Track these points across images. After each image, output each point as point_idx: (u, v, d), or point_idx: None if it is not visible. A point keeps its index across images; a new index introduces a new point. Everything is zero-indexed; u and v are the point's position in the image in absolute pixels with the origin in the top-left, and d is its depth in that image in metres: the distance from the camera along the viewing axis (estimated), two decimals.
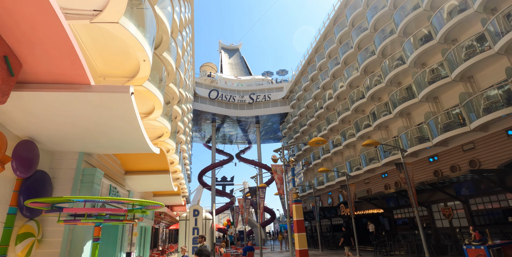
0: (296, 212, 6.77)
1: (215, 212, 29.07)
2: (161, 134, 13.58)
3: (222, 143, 47.35)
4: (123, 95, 4.04)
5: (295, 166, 7.68)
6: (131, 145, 5.74)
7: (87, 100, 4.12)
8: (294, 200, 6.94)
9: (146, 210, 4.60)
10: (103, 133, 5.00)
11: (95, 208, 3.83)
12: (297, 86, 35.26)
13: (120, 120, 4.60)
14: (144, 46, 7.14)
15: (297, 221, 6.69)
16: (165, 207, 14.23)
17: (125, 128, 4.86)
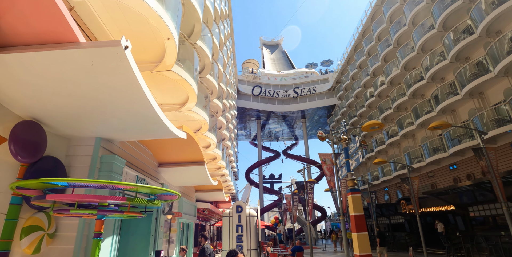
0: (354, 204, 5.21)
1: (263, 210, 28.22)
2: (199, 126, 13.07)
3: (268, 140, 46.44)
4: (114, 50, 3.20)
5: (348, 146, 6.26)
6: (146, 126, 4.97)
7: (77, 62, 3.38)
8: (350, 188, 5.42)
9: (154, 200, 3.70)
10: (109, 109, 4.27)
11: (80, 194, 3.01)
12: (344, 76, 32.79)
13: (121, 88, 3.79)
14: (166, 21, 6.39)
15: (355, 217, 5.18)
16: (208, 203, 13.69)
17: (130, 100, 4.05)
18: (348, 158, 5.92)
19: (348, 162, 5.85)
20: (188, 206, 11.31)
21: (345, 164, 6.01)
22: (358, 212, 5.25)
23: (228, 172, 22.69)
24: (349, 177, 5.54)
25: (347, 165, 5.82)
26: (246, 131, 43.62)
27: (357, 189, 5.43)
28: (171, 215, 7.79)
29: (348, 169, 5.74)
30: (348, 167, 5.78)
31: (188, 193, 11.81)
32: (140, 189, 3.45)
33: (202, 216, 13.77)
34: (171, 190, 3.66)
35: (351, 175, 5.63)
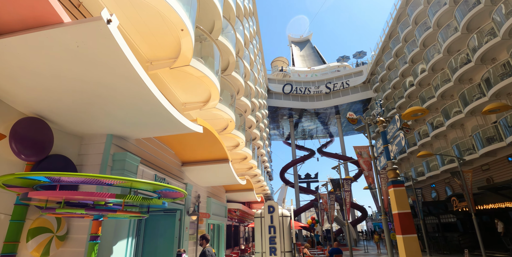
0: (397, 200, 4.31)
1: (299, 211, 27.29)
2: (226, 125, 12.72)
3: (302, 138, 45.24)
4: (96, 25, 2.84)
5: (386, 128, 5.31)
6: (154, 118, 4.58)
7: (62, 44, 3.06)
8: (391, 180, 4.49)
9: (152, 199, 3.24)
10: (106, 96, 3.93)
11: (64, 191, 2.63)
12: (379, 67, 30.78)
13: (112, 70, 3.42)
14: (177, 10, 6.06)
15: (400, 215, 4.25)
16: (240, 204, 13.27)
17: (126, 84, 3.67)
18: (387, 143, 5.00)
19: (387, 148, 4.94)
20: (218, 206, 10.96)
21: (383, 152, 5.10)
22: (403, 209, 4.36)
23: (261, 172, 22.19)
24: (389, 167, 4.65)
25: (386, 152, 4.91)
26: (279, 130, 42.90)
27: (400, 180, 4.50)
28: (196, 215, 7.43)
29: (387, 157, 4.82)
30: (387, 155, 4.86)
31: (217, 193, 11.48)
32: (135, 184, 3.01)
33: (234, 217, 13.39)
34: (172, 186, 3.19)
35: (392, 164, 4.73)
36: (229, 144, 14.83)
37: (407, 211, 4.37)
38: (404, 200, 4.37)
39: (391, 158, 4.80)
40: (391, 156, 4.81)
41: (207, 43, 10.49)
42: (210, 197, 10.34)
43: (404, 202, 4.37)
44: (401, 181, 4.51)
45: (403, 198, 4.40)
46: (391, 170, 4.62)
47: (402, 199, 4.39)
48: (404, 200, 4.37)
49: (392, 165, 4.71)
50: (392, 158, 4.80)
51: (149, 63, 8.09)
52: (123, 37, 6.93)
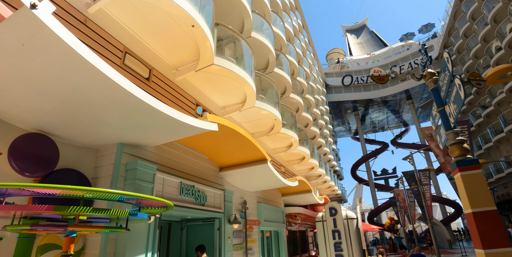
0: (469, 191, 2.96)
1: (377, 211, 24.48)
2: (272, 125, 11.99)
3: (372, 131, 41.37)
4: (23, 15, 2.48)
5: (438, 83, 3.69)
6: (144, 119, 4.15)
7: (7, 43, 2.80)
8: (456, 161, 3.12)
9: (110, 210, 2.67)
10: (89, 104, 3.63)
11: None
12: (453, 37, 26.19)
13: (66, 68, 3.07)
14: (182, 5, 5.73)
15: (476, 216, 2.87)
16: (300, 207, 12.25)
17: (96, 85, 3.29)
18: (442, 105, 3.46)
19: (443, 112, 3.42)
20: (272, 212, 10.20)
21: (439, 120, 3.58)
22: (482, 206, 2.87)
23: (326, 171, 20.65)
24: (451, 139, 3.19)
25: (443, 119, 3.38)
26: (344, 126, 40.11)
27: (471, 160, 3.02)
28: (238, 223, 6.82)
29: (446, 126, 3.31)
30: (445, 122, 3.34)
31: (270, 198, 10.74)
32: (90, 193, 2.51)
33: (297, 222, 12.43)
34: (137, 194, 2.60)
35: (455, 135, 3.27)
36: (281, 144, 14.03)
37: (488, 208, 2.86)
38: (482, 190, 2.86)
39: (452, 125, 3.29)
40: (451, 121, 3.32)
41: (239, 43, 10.04)
42: (261, 202, 9.66)
43: (482, 194, 2.85)
44: (472, 160, 3.02)
45: (480, 188, 2.89)
46: (455, 144, 3.14)
47: (478, 189, 2.88)
48: (482, 191, 2.86)
49: (456, 136, 3.22)
50: (453, 124, 3.29)
51: (175, 69, 7.96)
52: (145, 49, 6.92)
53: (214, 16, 8.14)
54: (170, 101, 7.53)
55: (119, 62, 6.18)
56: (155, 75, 7.21)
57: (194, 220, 7.03)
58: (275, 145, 14.11)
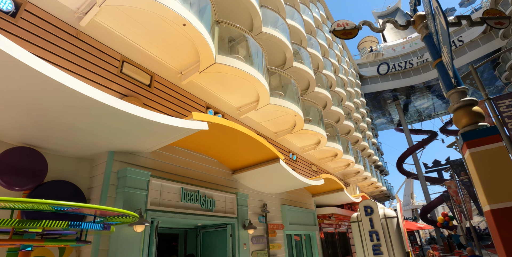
0: (482, 177, 2.05)
1: (430, 206, 22.14)
2: (294, 122, 11.39)
3: (418, 120, 37.99)
4: None
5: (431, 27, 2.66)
6: (115, 122, 3.93)
7: None
8: (463, 133, 2.37)
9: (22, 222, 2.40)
10: (59, 112, 3.50)
11: None
12: (501, 5, 23.01)
13: (23, 77, 2.94)
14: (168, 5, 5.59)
15: (495, 214, 2.00)
16: (335, 207, 11.38)
17: (46, 89, 3.13)
18: (438, 56, 2.58)
19: (441, 66, 2.57)
20: (300, 214, 9.56)
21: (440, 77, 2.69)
22: (505, 201, 2.02)
23: (366, 167, 19.26)
24: (455, 102, 2.34)
25: (442, 74, 2.54)
26: (386, 117, 37.44)
27: (485, 129, 2.20)
28: (253, 229, 6.38)
29: (447, 84, 2.43)
30: (445, 78, 2.47)
31: (298, 199, 10.10)
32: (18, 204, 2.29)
33: (333, 223, 11.57)
34: (72, 203, 2.32)
35: (460, 94, 2.51)
36: (309, 142, 13.31)
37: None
38: (505, 174, 2.05)
39: (453, 82, 2.44)
40: (450, 75, 2.48)
41: (248, 43, 9.72)
42: (286, 204, 9.09)
43: (506, 179, 2.04)
44: (486, 129, 2.21)
45: (502, 170, 2.05)
46: (461, 107, 2.32)
47: (499, 172, 2.05)
48: (506, 175, 2.05)
49: (461, 96, 2.36)
50: (455, 79, 2.45)
51: (179, 74, 7.85)
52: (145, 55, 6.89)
53: (213, 14, 7.89)
54: (176, 106, 7.39)
55: (116, 71, 6.16)
56: (158, 81, 7.12)
57: (207, 226, 6.76)
58: (302, 142, 13.44)
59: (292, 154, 12.57)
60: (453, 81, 2.54)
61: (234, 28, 9.19)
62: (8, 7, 4.88)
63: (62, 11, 5.51)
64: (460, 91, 2.53)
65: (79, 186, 4.62)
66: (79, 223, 2.47)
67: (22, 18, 4.94)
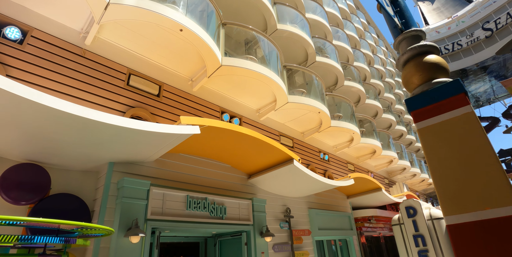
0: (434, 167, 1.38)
1: None
2: (319, 119, 10.79)
3: (476, 106, 33.69)
4: None
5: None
6: (103, 132, 3.91)
7: None
8: (410, 97, 1.67)
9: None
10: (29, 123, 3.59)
11: None
12: None
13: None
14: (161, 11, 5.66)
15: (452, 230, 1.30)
16: (375, 209, 10.38)
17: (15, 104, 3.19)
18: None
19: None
20: (332, 218, 8.86)
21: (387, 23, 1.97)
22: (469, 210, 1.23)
23: (414, 163, 17.52)
24: (403, 52, 1.75)
25: (386, 16, 1.84)
26: None
27: (443, 86, 1.55)
28: (270, 236, 5.98)
29: (392, 25, 1.76)
30: (390, 23, 1.78)
31: (330, 202, 9.40)
32: None
33: (373, 226, 10.57)
34: (20, 218, 2.25)
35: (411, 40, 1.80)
36: (342, 139, 12.51)
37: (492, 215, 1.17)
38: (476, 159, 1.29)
39: (399, 22, 1.75)
40: (390, 13, 1.79)
41: (262, 40, 9.51)
42: (314, 208, 8.50)
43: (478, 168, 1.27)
44: (440, 87, 1.58)
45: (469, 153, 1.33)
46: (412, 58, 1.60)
47: (464, 157, 1.32)
48: (476, 161, 1.29)
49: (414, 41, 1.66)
50: (400, 22, 1.76)
51: (190, 81, 7.87)
52: (152, 66, 7.03)
53: (217, 16, 7.81)
54: (187, 113, 7.38)
55: (122, 84, 6.33)
56: (167, 90, 7.19)
57: (223, 234, 6.53)
58: (335, 141, 12.67)
59: (324, 153, 11.87)
60: (397, 22, 1.89)
61: (245, 29, 9.03)
62: (16, 35, 5.25)
63: (67, 33, 5.81)
64: (410, 36, 1.85)
65: (85, 198, 4.74)
66: (31, 237, 2.40)
67: (29, 44, 5.29)
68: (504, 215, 1.11)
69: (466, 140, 1.36)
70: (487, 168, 1.25)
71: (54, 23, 5.69)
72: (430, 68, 1.52)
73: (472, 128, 1.37)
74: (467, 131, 1.38)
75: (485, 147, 1.31)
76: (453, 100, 1.44)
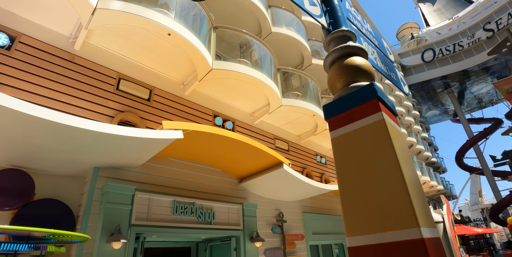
0: (343, 182, 1.26)
1: (501, 205, 18.93)
2: (314, 122, 10.73)
3: (478, 108, 33.40)
4: None
5: None
6: (79, 138, 3.89)
7: None
8: (328, 104, 1.53)
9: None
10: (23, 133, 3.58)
11: None
12: None
13: None
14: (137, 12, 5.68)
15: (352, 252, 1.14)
16: None
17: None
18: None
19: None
20: (328, 222, 8.74)
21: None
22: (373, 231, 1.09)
23: (415, 165, 17.30)
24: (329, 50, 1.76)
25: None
26: (438, 108, 33.72)
27: (355, 93, 1.37)
28: (260, 241, 5.91)
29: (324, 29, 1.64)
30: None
31: (325, 205, 9.28)
32: None
33: None
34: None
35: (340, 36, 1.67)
36: None
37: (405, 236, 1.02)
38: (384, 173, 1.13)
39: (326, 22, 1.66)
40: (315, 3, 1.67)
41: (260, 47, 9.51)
42: (309, 212, 8.40)
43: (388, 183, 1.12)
44: (352, 94, 1.39)
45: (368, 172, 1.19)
46: (333, 63, 1.60)
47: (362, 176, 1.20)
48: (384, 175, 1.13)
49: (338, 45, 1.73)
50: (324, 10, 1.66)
51: (182, 85, 7.87)
52: (142, 70, 7.02)
53: (209, 21, 7.83)
54: (179, 117, 7.36)
55: (112, 89, 6.34)
56: (158, 94, 7.18)
57: (214, 239, 6.46)
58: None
59: (321, 156, 11.78)
60: (321, 22, 1.81)
61: (238, 33, 9.03)
62: (3, 41, 5.28)
63: (56, 38, 5.83)
64: (338, 37, 1.72)
65: (70, 203, 4.72)
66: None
67: (17, 50, 5.31)
68: (405, 239, 1.01)
69: (373, 153, 1.21)
70: (389, 185, 1.12)
71: (43, 28, 5.72)
72: (351, 71, 1.43)
73: (380, 139, 1.22)
74: (374, 142, 1.22)
75: (390, 161, 1.14)
76: (365, 107, 1.29)
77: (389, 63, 2.53)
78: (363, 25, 2.50)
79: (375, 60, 2.30)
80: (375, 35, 2.66)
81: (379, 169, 1.16)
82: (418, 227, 0.99)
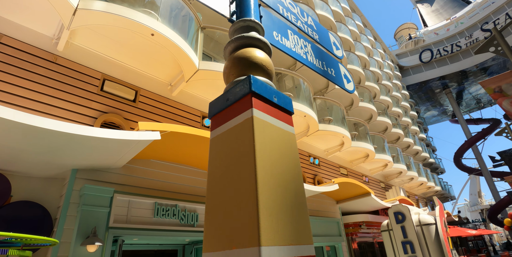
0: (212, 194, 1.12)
1: (499, 206, 18.75)
2: (306, 123, 10.64)
3: (477, 108, 33.26)
4: None
5: None
6: (55, 139, 3.82)
7: None
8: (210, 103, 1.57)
9: None
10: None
11: None
12: None
13: None
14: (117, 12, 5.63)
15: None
16: (367, 214, 10.13)
17: None
18: None
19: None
20: (318, 224, 8.62)
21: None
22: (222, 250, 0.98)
23: (411, 166, 17.19)
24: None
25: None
26: (437, 109, 33.59)
27: (231, 90, 1.28)
28: None
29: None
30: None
31: (316, 207, 9.17)
32: None
33: (365, 232, 10.30)
34: None
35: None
36: (333, 143, 12.30)
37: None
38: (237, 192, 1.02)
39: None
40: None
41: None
42: None
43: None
44: (230, 91, 1.27)
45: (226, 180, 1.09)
46: (230, 55, 1.43)
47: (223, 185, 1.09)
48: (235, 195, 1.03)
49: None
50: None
51: (169, 85, 7.81)
52: (128, 71, 6.96)
53: (196, 21, 7.78)
54: (165, 119, 7.30)
55: (96, 90, 6.27)
56: (145, 95, 7.12)
57: (199, 242, 6.37)
58: (326, 144, 12.48)
59: (314, 157, 11.69)
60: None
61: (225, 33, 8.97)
62: None
63: (39, 39, 5.78)
64: (240, 28, 1.56)
65: (49, 205, 4.65)
66: None
67: None
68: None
69: (235, 158, 1.08)
70: (240, 196, 0.98)
71: (25, 29, 5.67)
72: (240, 64, 1.27)
73: (243, 142, 1.07)
74: (238, 144, 1.10)
75: (246, 169, 1.01)
76: (240, 103, 1.17)
77: (330, 58, 2.46)
78: (299, 18, 2.44)
79: (305, 54, 2.22)
80: (317, 29, 2.59)
81: (234, 177, 1.03)
82: (258, 246, 0.84)
